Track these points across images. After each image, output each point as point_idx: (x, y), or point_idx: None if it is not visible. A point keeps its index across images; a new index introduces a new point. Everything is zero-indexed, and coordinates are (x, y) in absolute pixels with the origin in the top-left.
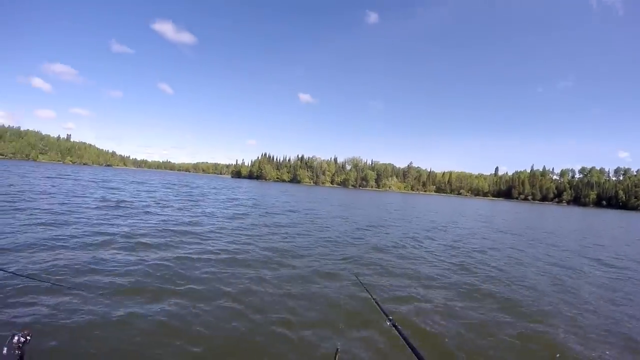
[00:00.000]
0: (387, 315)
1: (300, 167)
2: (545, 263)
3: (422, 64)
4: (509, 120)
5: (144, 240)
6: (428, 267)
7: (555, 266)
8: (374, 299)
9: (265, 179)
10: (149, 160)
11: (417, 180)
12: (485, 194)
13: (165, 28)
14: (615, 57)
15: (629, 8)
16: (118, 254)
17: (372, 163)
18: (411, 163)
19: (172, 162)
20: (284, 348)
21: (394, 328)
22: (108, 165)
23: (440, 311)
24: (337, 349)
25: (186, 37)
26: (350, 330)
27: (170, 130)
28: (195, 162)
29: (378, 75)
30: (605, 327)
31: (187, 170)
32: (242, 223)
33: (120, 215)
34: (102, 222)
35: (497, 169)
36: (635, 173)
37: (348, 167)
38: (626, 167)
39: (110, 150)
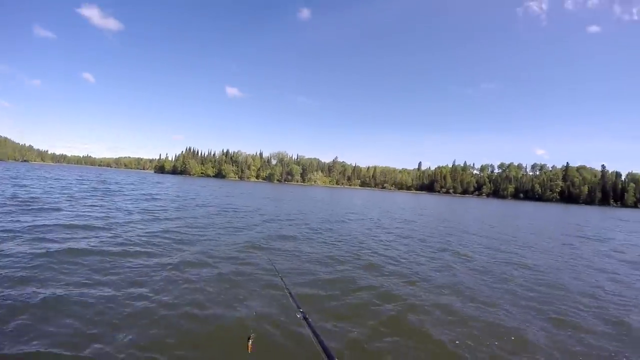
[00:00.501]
0: (298, 307)
1: (225, 161)
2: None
3: (351, 61)
4: (432, 118)
5: (49, 236)
6: (337, 250)
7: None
8: (287, 289)
9: (190, 174)
10: (69, 155)
11: (342, 175)
12: (408, 188)
13: (92, 13)
14: (536, 63)
15: (552, 18)
16: (16, 247)
17: (297, 158)
18: (336, 158)
19: (93, 156)
20: (197, 333)
21: (304, 320)
22: (25, 161)
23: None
24: (250, 335)
25: (112, 24)
26: (264, 317)
27: (91, 123)
28: (117, 156)
29: (307, 71)
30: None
31: (109, 165)
32: (157, 218)
33: (28, 211)
34: (7, 219)
35: (420, 163)
36: (550, 169)
37: (274, 162)
38: (542, 163)
39: (27, 145)
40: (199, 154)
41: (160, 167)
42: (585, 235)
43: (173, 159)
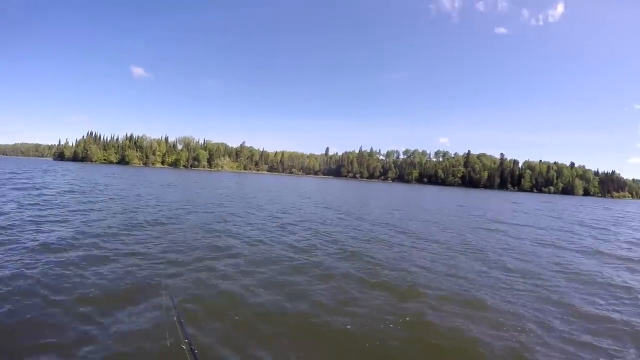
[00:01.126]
0: (186, 338)
1: (129, 147)
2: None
3: (263, 43)
4: (341, 104)
5: None
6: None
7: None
8: (175, 310)
9: (92, 161)
10: None
11: (250, 160)
12: (316, 173)
13: None
14: (444, 57)
15: (463, 17)
16: None
17: (204, 143)
18: (244, 142)
19: None
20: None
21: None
22: None
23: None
24: None
25: None
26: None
27: None
28: (13, 143)
29: (217, 53)
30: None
31: (4, 153)
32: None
33: None
34: None
35: (327, 149)
36: (453, 155)
37: (180, 147)
38: (445, 150)
39: None
40: (102, 138)
41: (60, 154)
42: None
43: (74, 145)
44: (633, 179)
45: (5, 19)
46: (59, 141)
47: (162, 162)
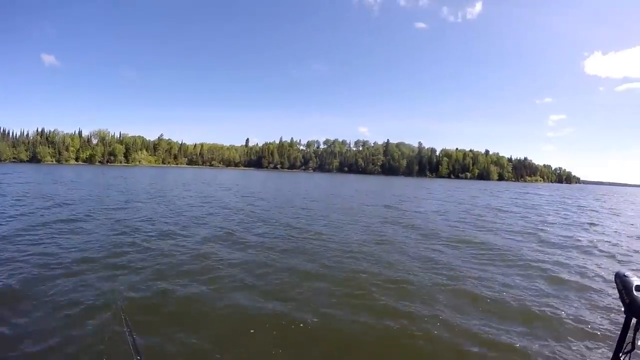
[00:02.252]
0: (138, 354)
1: (40, 143)
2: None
3: (179, 30)
4: (261, 95)
5: None
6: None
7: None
8: (125, 320)
9: (0, 160)
10: None
11: (169, 153)
12: (237, 165)
13: None
14: (364, 48)
15: (384, 11)
16: None
17: (120, 136)
18: (162, 135)
19: None
20: None
21: None
22: None
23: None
24: None
25: None
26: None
27: None
28: None
29: (133, 42)
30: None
31: None
32: None
33: None
34: None
35: (247, 140)
36: (372, 144)
37: (94, 141)
38: (365, 139)
39: None
40: (11, 134)
41: None
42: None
43: None
44: (544, 165)
45: None
46: None
47: (77, 159)
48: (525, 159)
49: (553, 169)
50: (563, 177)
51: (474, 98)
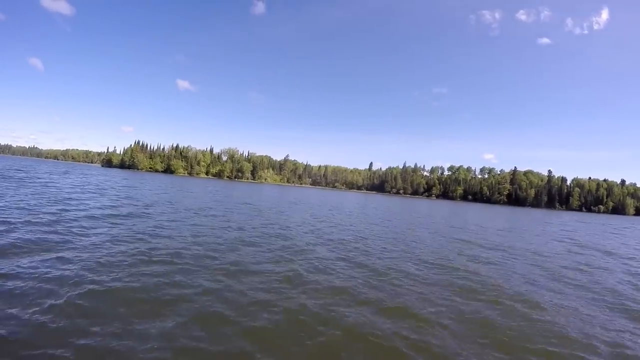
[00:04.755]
0: None
1: (174, 156)
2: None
3: (304, 58)
4: (385, 119)
5: None
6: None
7: None
8: None
9: (138, 169)
10: (14, 145)
11: (293, 173)
12: (359, 188)
13: None
14: (486, 70)
15: (504, 28)
16: None
17: (248, 155)
18: (288, 156)
19: (40, 148)
20: None
21: None
22: None
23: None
24: None
25: (63, 7)
26: None
27: (39, 113)
28: (65, 148)
29: (261, 67)
30: None
31: (56, 157)
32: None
33: None
34: None
35: (371, 164)
36: (498, 172)
37: (224, 158)
38: (490, 167)
39: None
40: (148, 147)
41: (108, 161)
42: None
43: (122, 152)
44: None
45: (59, 33)
46: (107, 148)
47: (207, 173)
48: None
49: None
50: None
51: (607, 119)
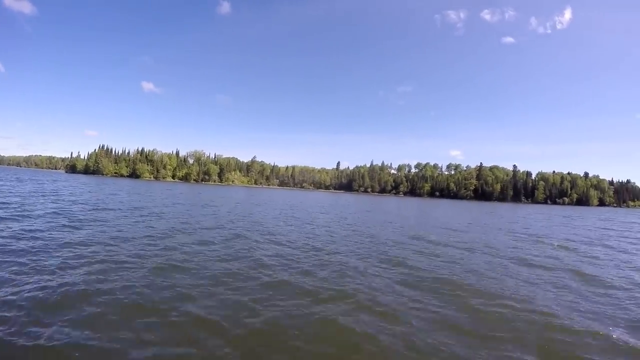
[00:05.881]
0: None
1: (140, 160)
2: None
3: (272, 59)
4: (351, 119)
5: None
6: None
7: None
8: None
9: (103, 174)
10: None
11: (261, 174)
12: (327, 187)
13: None
14: (451, 68)
15: (468, 28)
16: None
17: (215, 157)
18: (255, 157)
19: (1, 154)
20: None
21: None
22: None
23: None
24: None
25: (25, 6)
26: None
27: None
28: (27, 154)
29: (227, 68)
30: None
31: (18, 164)
32: None
33: None
34: None
35: (338, 163)
36: (465, 168)
37: (190, 161)
38: (457, 163)
39: None
40: (113, 152)
41: (72, 166)
42: None
43: (86, 158)
44: None
45: (20, 33)
46: (71, 154)
47: (173, 176)
48: (628, 181)
49: None
50: None
51: (569, 116)
